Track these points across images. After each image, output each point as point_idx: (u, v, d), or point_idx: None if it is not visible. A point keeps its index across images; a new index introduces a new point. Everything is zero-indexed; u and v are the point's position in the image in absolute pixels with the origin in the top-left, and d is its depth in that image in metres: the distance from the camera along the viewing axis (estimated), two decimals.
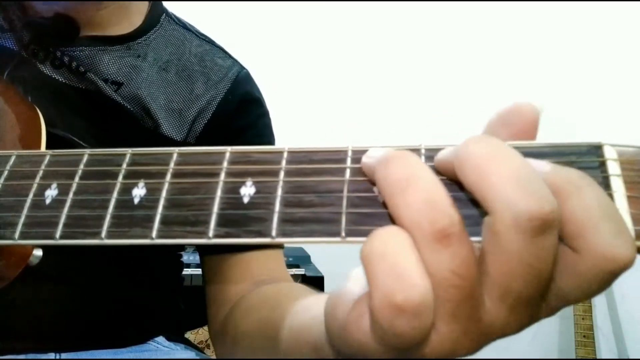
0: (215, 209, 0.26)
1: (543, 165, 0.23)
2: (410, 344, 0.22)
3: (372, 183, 0.25)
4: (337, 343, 0.25)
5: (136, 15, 0.63)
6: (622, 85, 1.91)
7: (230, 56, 0.69)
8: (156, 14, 0.65)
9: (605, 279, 0.22)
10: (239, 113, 0.65)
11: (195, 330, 1.49)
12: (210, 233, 0.25)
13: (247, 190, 0.26)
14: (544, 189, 0.21)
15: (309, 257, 1.71)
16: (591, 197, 0.22)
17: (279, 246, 0.63)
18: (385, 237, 0.22)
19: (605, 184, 0.24)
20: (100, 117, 0.58)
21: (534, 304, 0.23)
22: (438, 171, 0.24)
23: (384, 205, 0.24)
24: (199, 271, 1.40)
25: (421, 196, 0.22)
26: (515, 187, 0.21)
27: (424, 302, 0.21)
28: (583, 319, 1.74)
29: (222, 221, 0.25)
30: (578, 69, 1.94)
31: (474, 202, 0.23)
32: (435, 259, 0.21)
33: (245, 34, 1.80)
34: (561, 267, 0.23)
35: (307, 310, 0.34)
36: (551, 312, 0.24)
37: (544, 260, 0.22)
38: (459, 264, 0.21)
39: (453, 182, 0.24)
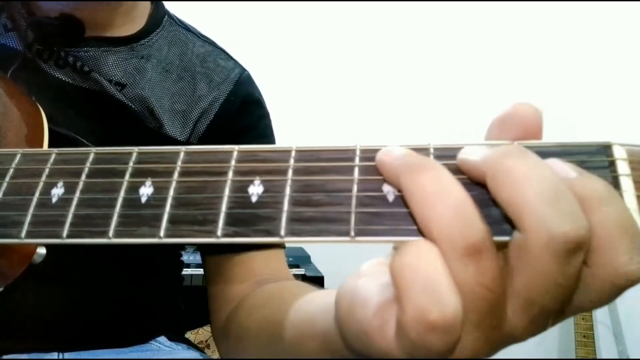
0: (224, 208, 0.26)
1: (568, 171, 0.23)
2: (437, 356, 0.22)
3: (382, 182, 0.25)
4: (353, 343, 0.24)
5: (139, 17, 0.63)
6: (622, 85, 1.91)
7: (231, 58, 0.69)
8: (159, 16, 0.65)
9: (616, 293, 0.23)
10: (241, 114, 0.65)
11: (195, 330, 1.48)
12: (219, 232, 0.25)
13: (255, 189, 0.26)
14: (579, 210, 0.21)
15: (309, 257, 1.71)
16: (612, 212, 0.22)
17: (281, 246, 0.63)
18: (418, 251, 0.22)
19: (615, 183, 0.24)
20: (103, 116, 0.58)
21: (554, 315, 0.23)
22: (459, 170, 0.24)
23: (405, 205, 0.24)
24: (199, 271, 1.41)
25: (453, 210, 0.22)
26: (552, 209, 0.21)
27: (456, 318, 0.21)
28: (583, 318, 1.74)
29: (231, 220, 0.25)
30: (578, 69, 1.94)
31: (494, 202, 0.23)
32: (464, 272, 0.21)
33: (247, 35, 1.80)
34: None
35: (310, 303, 0.34)
36: (561, 319, 0.24)
37: (571, 277, 0.22)
38: (488, 278, 0.22)
39: (472, 182, 0.24)
